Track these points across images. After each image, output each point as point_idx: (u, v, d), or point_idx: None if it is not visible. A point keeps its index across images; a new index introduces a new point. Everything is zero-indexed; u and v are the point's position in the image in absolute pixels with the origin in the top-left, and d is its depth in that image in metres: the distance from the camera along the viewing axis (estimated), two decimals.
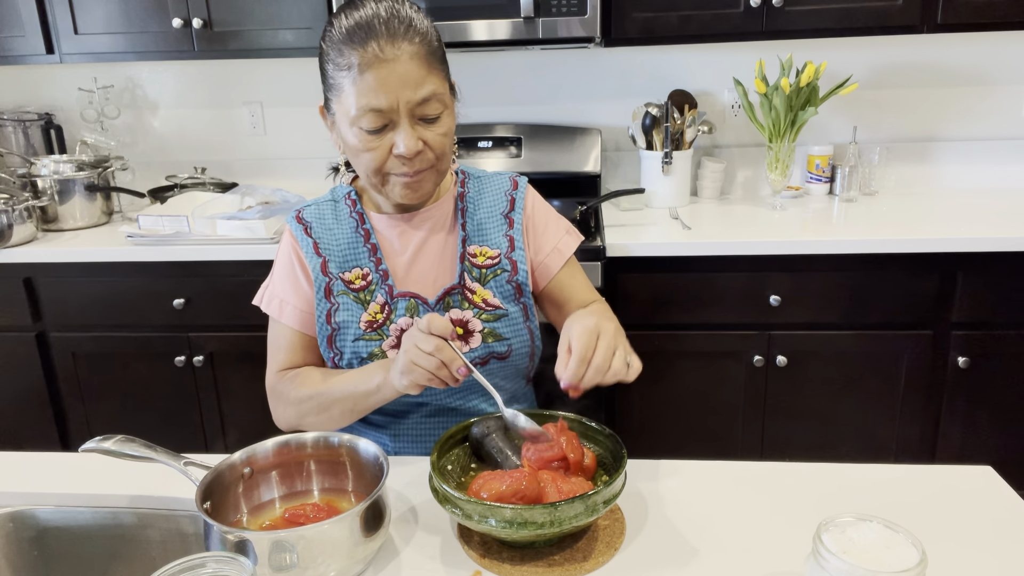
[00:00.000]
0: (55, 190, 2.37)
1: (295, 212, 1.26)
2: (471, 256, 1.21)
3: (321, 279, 1.20)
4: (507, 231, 1.23)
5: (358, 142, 1.09)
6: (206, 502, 0.87)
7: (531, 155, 2.54)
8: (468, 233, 1.22)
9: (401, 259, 1.22)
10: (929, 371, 2.09)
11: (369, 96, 1.04)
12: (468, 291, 1.20)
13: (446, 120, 1.12)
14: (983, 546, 0.88)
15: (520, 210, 1.25)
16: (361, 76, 1.04)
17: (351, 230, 1.23)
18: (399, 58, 1.04)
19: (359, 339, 1.18)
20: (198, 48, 2.30)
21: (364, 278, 1.20)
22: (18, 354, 2.31)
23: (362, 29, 1.05)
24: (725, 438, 2.21)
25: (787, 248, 2.01)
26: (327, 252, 1.21)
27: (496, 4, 2.11)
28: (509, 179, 1.29)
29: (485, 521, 0.84)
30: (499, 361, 1.19)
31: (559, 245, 1.27)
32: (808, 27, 2.15)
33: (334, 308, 1.19)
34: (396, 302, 1.18)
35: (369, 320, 1.18)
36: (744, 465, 1.07)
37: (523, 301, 1.22)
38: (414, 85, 1.05)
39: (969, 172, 2.54)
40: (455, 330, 0.98)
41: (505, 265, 1.21)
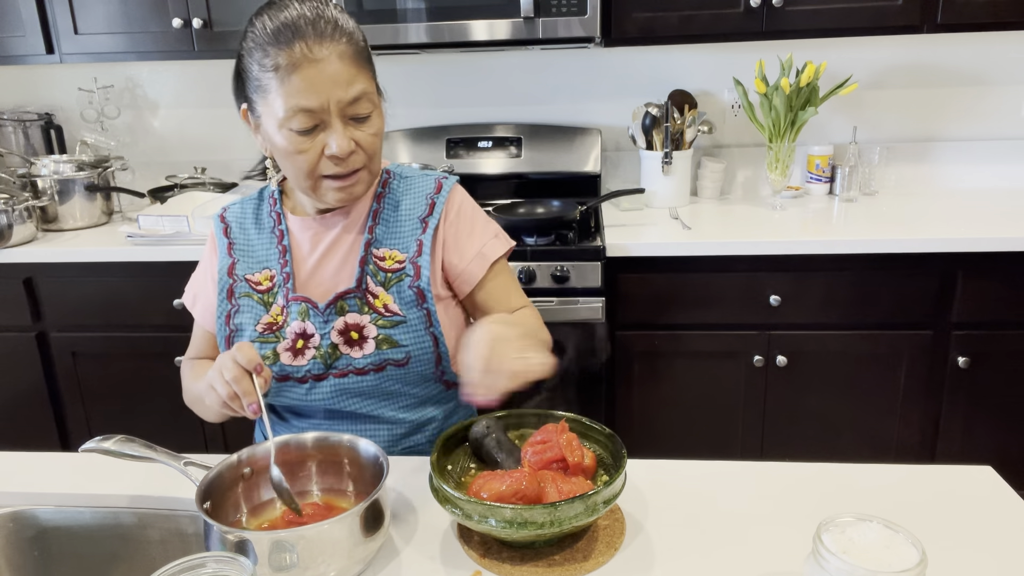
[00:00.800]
0: (55, 190, 2.37)
1: (221, 209, 1.28)
2: (378, 259, 1.18)
3: (225, 280, 1.21)
4: (419, 235, 1.19)
5: (288, 144, 1.06)
6: (206, 502, 0.87)
7: (531, 155, 2.54)
8: (376, 236, 1.19)
9: (308, 261, 1.20)
10: (929, 371, 2.09)
11: (299, 97, 1.03)
12: (370, 295, 1.17)
13: (376, 120, 1.10)
14: (983, 546, 0.88)
15: (438, 214, 1.20)
16: (289, 77, 1.02)
17: (268, 231, 1.22)
18: (328, 58, 1.03)
19: (254, 341, 1.17)
20: (198, 48, 2.30)
21: (271, 280, 1.20)
22: (18, 354, 2.31)
23: (288, 29, 1.03)
24: (725, 438, 2.21)
25: (787, 248, 2.01)
26: (239, 253, 1.22)
27: (496, 4, 2.11)
28: (435, 181, 1.24)
29: (485, 521, 0.84)
30: (397, 368, 1.16)
31: (483, 250, 1.22)
32: (808, 27, 2.15)
33: (234, 310, 1.19)
34: (290, 305, 1.17)
35: (269, 322, 1.17)
36: (744, 465, 1.07)
37: (425, 307, 1.17)
38: (344, 84, 1.04)
39: (969, 172, 2.54)
40: (260, 364, 0.97)
41: (409, 270, 1.18)
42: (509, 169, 2.54)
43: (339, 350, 1.15)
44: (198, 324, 1.29)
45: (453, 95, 2.64)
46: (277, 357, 1.16)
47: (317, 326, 1.16)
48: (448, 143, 2.57)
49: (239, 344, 0.99)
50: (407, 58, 2.59)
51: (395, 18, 2.16)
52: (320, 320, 1.16)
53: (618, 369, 2.15)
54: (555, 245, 2.07)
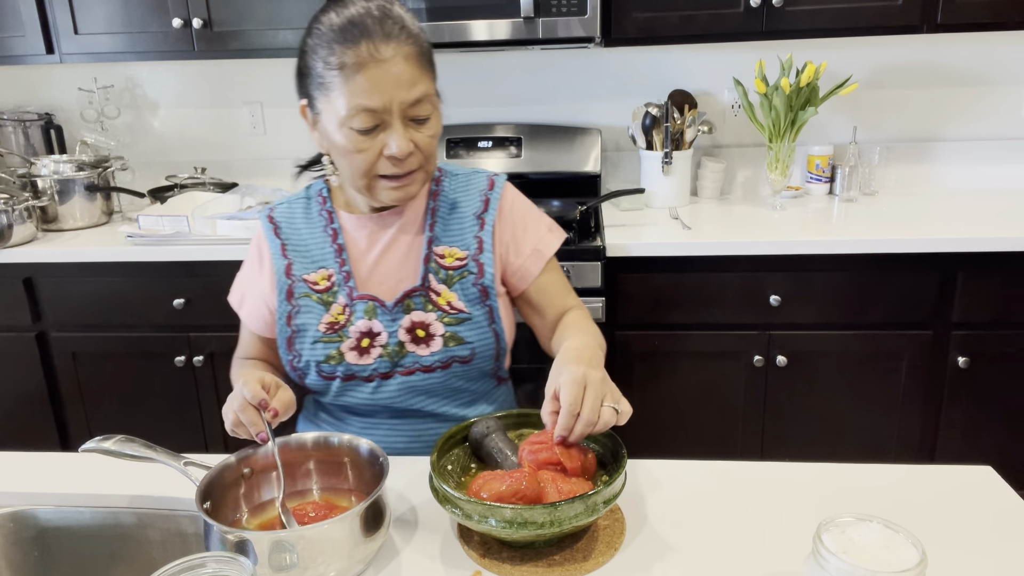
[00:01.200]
0: (55, 190, 2.37)
1: (268, 210, 1.27)
2: (438, 257, 1.19)
3: (284, 281, 1.20)
4: (477, 232, 1.21)
5: (347, 143, 1.07)
6: (206, 502, 0.87)
7: (531, 155, 2.54)
8: (436, 234, 1.20)
9: (366, 259, 1.20)
10: (929, 371, 2.09)
11: (362, 96, 1.03)
12: (433, 293, 1.18)
13: (435, 122, 1.11)
14: (983, 546, 0.88)
15: (494, 211, 1.22)
16: (354, 76, 1.03)
17: (320, 230, 1.22)
18: (393, 58, 1.03)
19: (318, 342, 1.17)
20: (198, 48, 2.30)
21: (328, 279, 1.19)
22: (18, 354, 2.31)
23: (355, 27, 1.03)
24: (725, 438, 2.21)
25: (787, 248, 2.01)
26: (294, 254, 1.21)
27: (496, 4, 2.11)
28: (486, 178, 1.26)
29: (485, 521, 0.84)
30: (462, 365, 1.18)
31: (539, 246, 1.24)
32: (808, 27, 2.14)
33: (295, 311, 1.19)
34: (355, 304, 1.17)
35: (331, 322, 1.17)
36: (744, 465, 1.07)
37: (488, 304, 1.19)
38: (408, 86, 1.04)
39: (969, 172, 2.54)
40: (266, 400, 0.96)
41: (472, 267, 1.19)
42: (509, 169, 2.54)
43: (406, 348, 1.16)
44: (245, 325, 1.29)
45: (453, 95, 2.63)
46: (342, 357, 1.16)
47: (385, 324, 1.16)
48: (448, 143, 2.57)
49: (250, 379, 0.98)
50: None
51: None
52: (388, 318, 1.17)
53: (618, 369, 2.15)
54: None
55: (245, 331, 1.29)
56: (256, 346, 1.28)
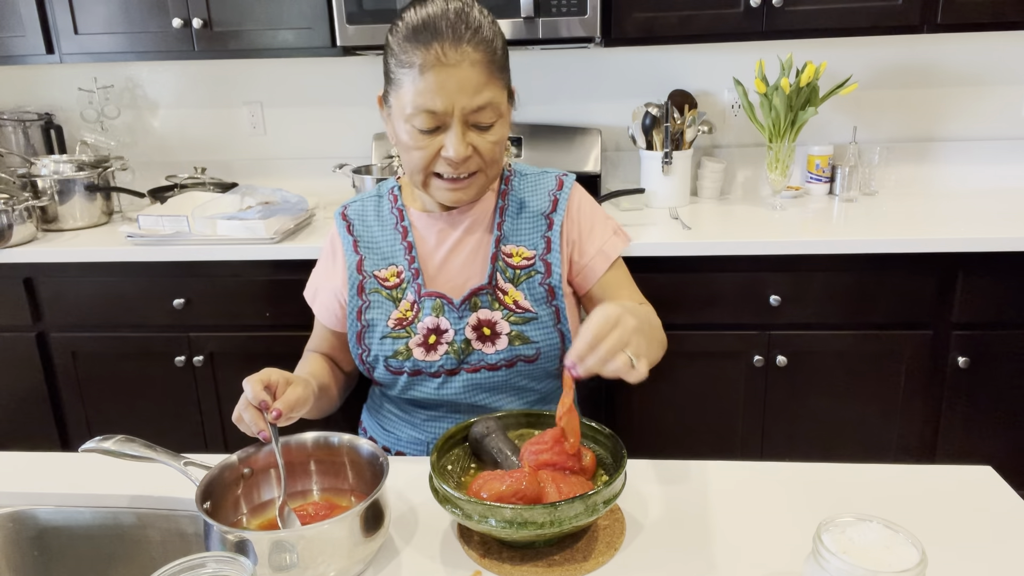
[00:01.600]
0: (55, 190, 2.37)
1: (342, 207, 1.30)
2: (506, 256, 1.21)
3: (355, 277, 1.23)
4: (545, 232, 1.22)
5: (409, 139, 1.09)
6: (206, 502, 0.87)
7: (531, 155, 2.54)
8: (504, 233, 1.22)
9: (435, 257, 1.22)
10: (929, 371, 2.09)
11: (426, 97, 1.05)
12: (500, 291, 1.19)
13: (499, 128, 1.12)
14: (983, 546, 0.88)
15: (562, 211, 1.23)
16: (421, 76, 1.05)
17: (391, 227, 1.25)
18: (460, 64, 1.05)
19: (386, 337, 1.19)
20: (198, 48, 2.30)
21: (398, 275, 1.21)
22: (18, 354, 2.31)
23: (428, 29, 1.05)
24: (725, 438, 2.21)
25: (787, 248, 2.01)
26: (365, 250, 1.24)
27: (496, 4, 2.11)
28: (555, 178, 1.28)
29: (485, 521, 0.84)
30: (527, 364, 1.19)
31: (604, 247, 1.25)
32: (808, 27, 2.14)
33: (365, 305, 1.21)
34: (423, 301, 1.19)
35: (399, 318, 1.19)
36: (744, 465, 1.07)
37: (555, 304, 1.20)
38: (471, 92, 1.06)
39: (969, 172, 2.54)
40: (266, 401, 0.96)
41: (539, 267, 1.20)
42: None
43: (472, 345, 1.18)
44: (318, 320, 1.31)
45: None
46: (410, 353, 1.18)
47: (452, 322, 1.18)
48: None
49: (254, 377, 0.98)
50: None
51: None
52: (455, 316, 1.18)
53: None
54: None
55: (318, 325, 1.32)
56: (327, 339, 1.31)
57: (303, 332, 1.35)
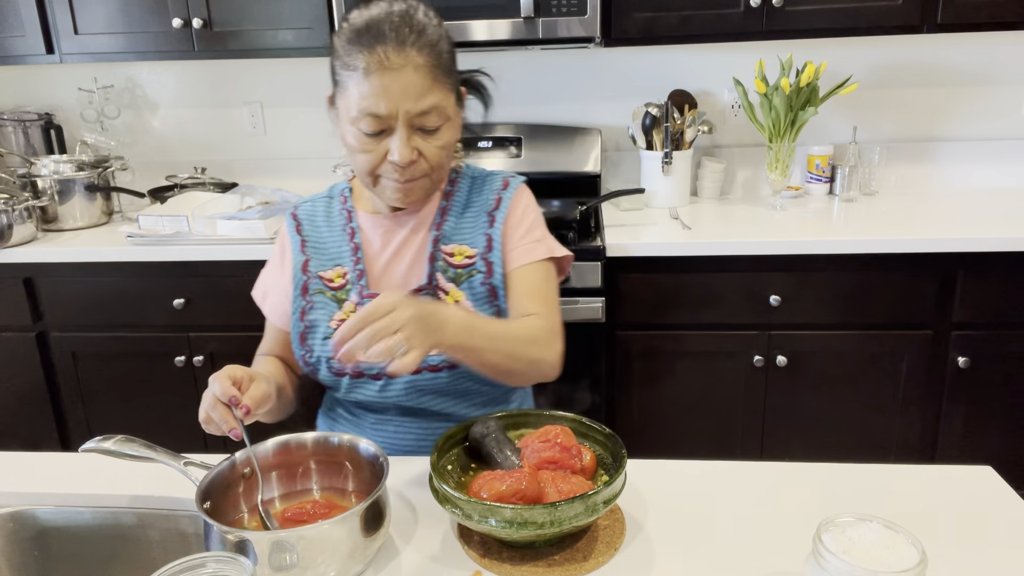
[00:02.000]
0: (55, 190, 2.37)
1: (294, 208, 1.30)
2: (447, 255, 1.20)
3: (300, 277, 1.23)
4: (487, 229, 1.21)
5: (355, 142, 1.09)
6: (206, 502, 0.87)
7: (531, 155, 2.54)
8: (444, 232, 1.21)
9: (380, 259, 1.22)
10: (929, 371, 2.09)
11: (370, 101, 1.04)
12: (441, 291, 1.18)
13: (445, 133, 1.11)
14: (983, 546, 0.88)
15: (505, 209, 1.22)
16: (365, 79, 1.04)
17: (339, 228, 1.25)
18: (404, 67, 1.03)
19: (328, 338, 1.18)
20: (198, 48, 2.30)
21: (343, 277, 1.21)
22: (18, 354, 2.31)
23: (371, 32, 1.04)
24: (725, 438, 2.21)
25: (787, 248, 2.01)
26: (312, 251, 1.24)
27: (496, 4, 2.11)
28: (502, 179, 1.27)
29: (485, 521, 0.84)
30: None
31: (536, 243, 1.21)
32: (808, 27, 2.14)
33: (308, 306, 1.21)
34: (365, 303, 1.18)
35: (342, 319, 1.18)
36: (744, 465, 1.07)
37: (497, 304, 1.19)
38: (415, 96, 1.05)
39: (969, 172, 2.54)
40: (236, 397, 0.95)
41: (480, 266, 1.19)
42: (509, 169, 2.54)
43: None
44: (268, 321, 1.30)
45: None
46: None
47: None
48: None
49: (220, 374, 0.98)
50: None
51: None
52: None
53: (618, 369, 2.15)
54: None
55: (269, 326, 1.31)
56: (279, 341, 1.29)
57: None
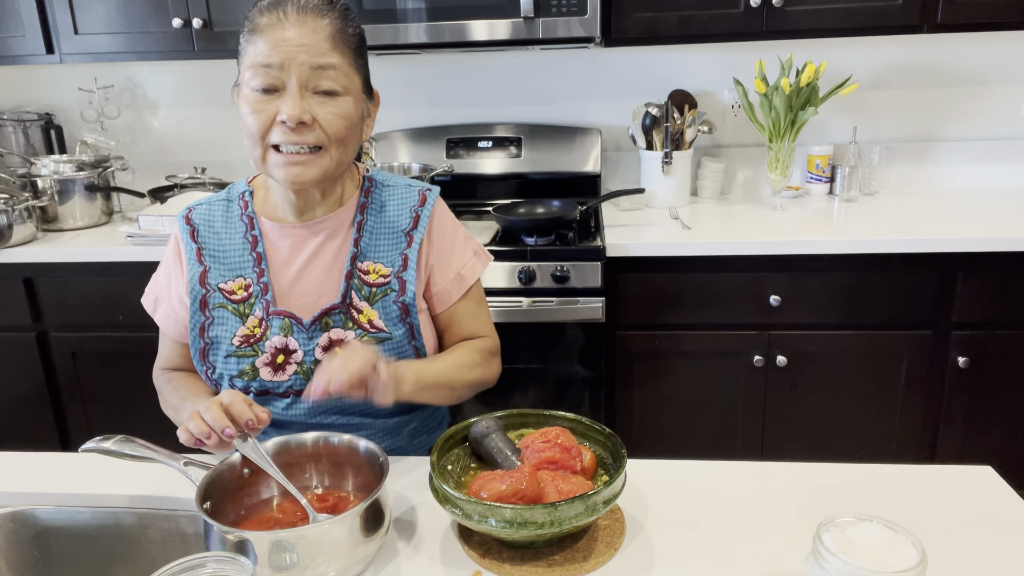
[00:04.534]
0: (55, 190, 2.37)
1: (186, 210, 1.21)
2: (362, 273, 1.15)
3: (198, 290, 1.15)
4: (404, 249, 1.17)
5: (247, 105, 1.04)
6: (206, 502, 0.87)
7: (531, 155, 2.54)
8: (361, 249, 1.16)
9: (287, 271, 1.15)
10: (929, 371, 2.09)
11: (263, 55, 1.02)
12: (355, 310, 1.14)
13: (345, 103, 1.06)
14: (983, 546, 0.88)
15: (423, 228, 1.18)
16: (262, 36, 1.03)
17: (239, 235, 1.17)
18: (302, 24, 1.02)
19: (231, 355, 1.13)
20: (198, 48, 2.30)
21: (246, 289, 1.14)
22: (18, 354, 2.31)
23: (275, 2, 1.04)
24: (725, 438, 2.21)
25: (787, 248, 2.01)
26: (210, 260, 1.16)
27: (496, 4, 2.11)
28: (418, 192, 1.21)
29: (485, 521, 0.84)
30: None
31: (463, 271, 1.21)
32: (808, 27, 2.14)
33: (208, 322, 1.14)
34: (271, 320, 1.12)
35: (246, 335, 1.13)
36: (744, 465, 1.07)
37: (409, 321, 1.16)
38: (311, 52, 1.02)
39: (969, 172, 2.54)
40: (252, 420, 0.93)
41: (394, 285, 1.15)
42: (509, 169, 2.54)
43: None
44: (164, 331, 1.22)
45: (453, 95, 2.64)
46: (256, 372, 1.13)
47: (301, 342, 1.13)
48: (448, 143, 2.57)
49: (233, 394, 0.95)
50: (407, 58, 2.59)
51: (395, 18, 2.16)
52: (304, 336, 1.13)
53: (618, 369, 2.15)
54: (555, 245, 2.07)
55: (164, 338, 1.23)
56: (179, 353, 1.22)
57: None
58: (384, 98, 1.24)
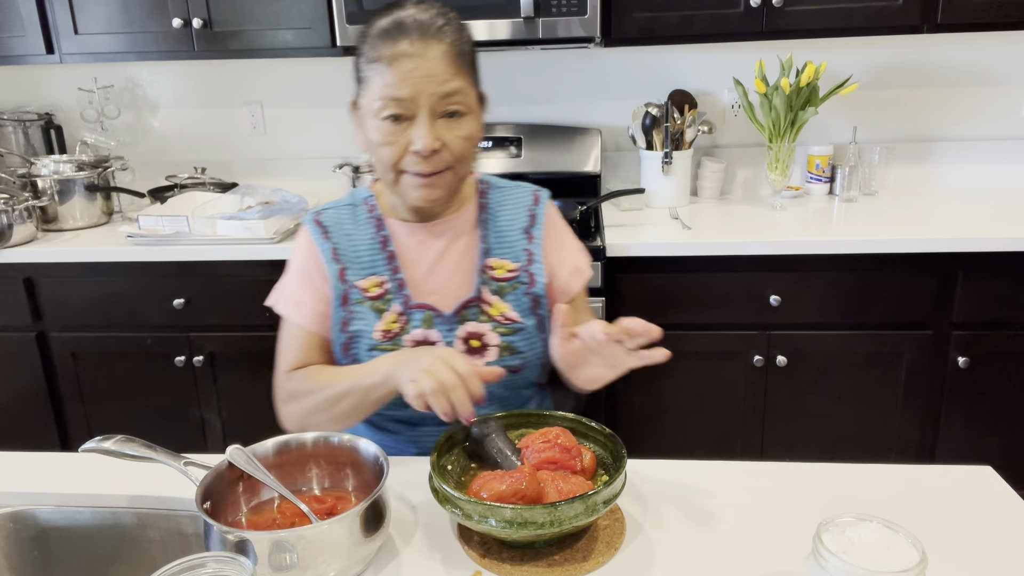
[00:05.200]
0: (55, 190, 2.37)
1: (314, 214, 1.26)
2: (490, 268, 1.21)
3: (339, 287, 1.20)
4: (526, 245, 1.24)
5: (378, 136, 1.09)
6: (206, 502, 0.87)
7: (531, 155, 2.54)
8: (489, 245, 1.23)
9: (419, 268, 1.21)
10: (929, 371, 2.09)
11: (393, 87, 1.06)
12: (485, 304, 1.19)
13: (469, 124, 1.12)
14: (983, 546, 0.88)
15: (540, 225, 1.25)
16: (388, 68, 1.06)
17: (369, 236, 1.22)
18: (426, 54, 1.06)
19: (374, 348, 1.17)
20: (198, 48, 2.30)
21: (380, 286, 1.20)
22: (18, 354, 2.31)
23: (395, 28, 1.08)
24: (725, 438, 2.21)
25: (787, 248, 2.01)
26: (345, 258, 1.21)
27: (496, 4, 2.11)
28: (531, 193, 1.29)
29: (485, 521, 0.84)
30: (511, 374, 1.18)
31: (579, 265, 1.28)
32: (808, 27, 2.14)
33: (350, 316, 1.19)
34: (412, 313, 1.18)
35: (384, 330, 1.18)
36: (744, 465, 1.07)
37: (539, 313, 1.21)
38: (438, 80, 1.07)
39: (969, 172, 2.54)
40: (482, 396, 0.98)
41: (523, 278, 1.21)
42: (509, 169, 2.54)
43: None
44: (300, 331, 1.21)
45: None
46: None
47: (442, 333, 1.18)
48: None
49: (459, 357, 0.98)
50: None
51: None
52: (445, 328, 1.18)
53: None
54: None
55: (304, 337, 1.22)
56: (319, 347, 1.22)
57: None
58: None
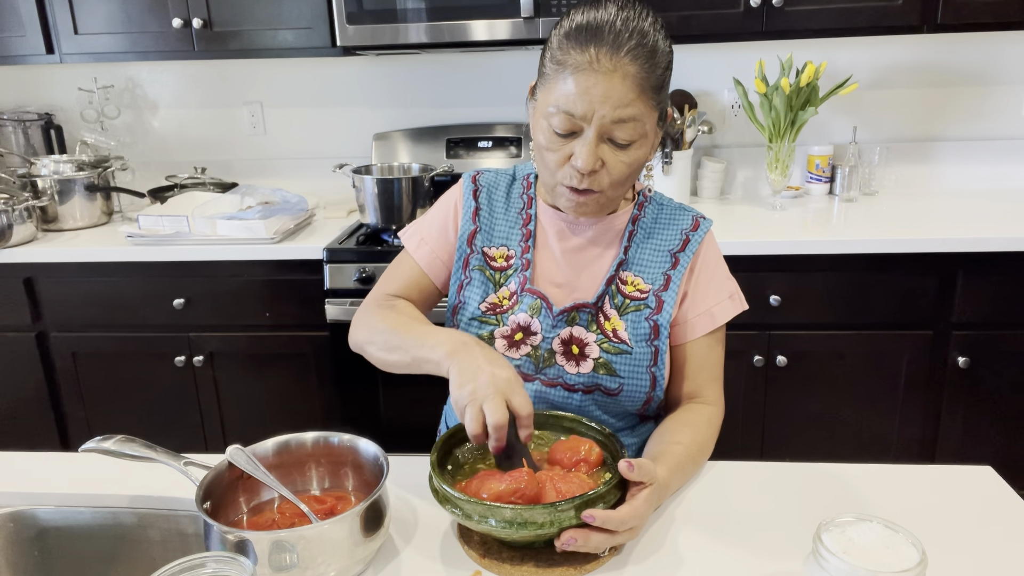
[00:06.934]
0: (55, 190, 2.37)
1: (474, 171, 1.25)
2: (621, 282, 1.14)
3: (464, 248, 1.19)
4: (668, 269, 1.14)
5: (543, 138, 1.05)
6: (206, 502, 0.87)
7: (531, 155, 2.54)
8: (628, 258, 1.15)
9: (550, 256, 1.17)
10: (929, 371, 2.09)
11: (568, 99, 1.00)
12: (603, 315, 1.13)
13: (637, 151, 1.04)
14: (983, 546, 0.88)
15: (691, 253, 1.15)
16: (570, 76, 1.00)
17: (516, 210, 1.20)
18: (612, 73, 0.98)
19: (474, 319, 1.15)
20: (198, 48, 2.30)
21: (507, 260, 1.17)
22: (18, 354, 2.31)
23: (590, 31, 0.99)
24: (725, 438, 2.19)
25: (787, 248, 2.01)
26: (483, 222, 1.19)
27: (496, 4, 2.11)
28: (692, 218, 1.19)
29: (485, 521, 0.84)
30: (605, 396, 1.12)
31: (713, 309, 1.16)
32: (808, 27, 2.14)
33: (466, 280, 1.18)
34: (524, 296, 1.14)
35: (493, 303, 1.15)
36: (744, 465, 1.07)
37: (655, 344, 1.12)
38: (615, 104, 0.99)
39: (969, 172, 2.54)
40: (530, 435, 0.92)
41: (651, 302, 1.13)
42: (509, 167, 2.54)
43: (555, 358, 1.12)
44: (413, 266, 1.22)
45: (453, 95, 2.64)
46: (492, 341, 1.14)
47: (544, 327, 1.13)
48: (448, 143, 2.57)
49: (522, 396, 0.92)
50: (407, 58, 2.59)
51: (395, 18, 2.16)
52: (549, 323, 1.13)
53: None
54: None
55: (413, 272, 1.21)
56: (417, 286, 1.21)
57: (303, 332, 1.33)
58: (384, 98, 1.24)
